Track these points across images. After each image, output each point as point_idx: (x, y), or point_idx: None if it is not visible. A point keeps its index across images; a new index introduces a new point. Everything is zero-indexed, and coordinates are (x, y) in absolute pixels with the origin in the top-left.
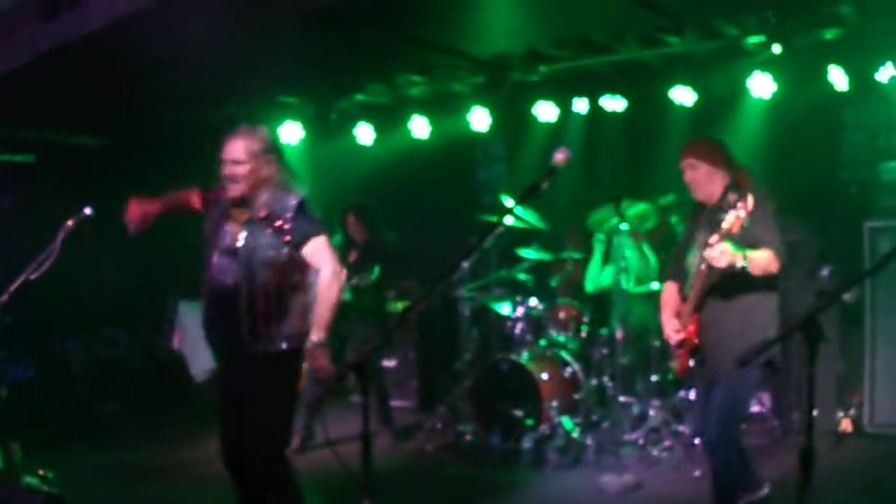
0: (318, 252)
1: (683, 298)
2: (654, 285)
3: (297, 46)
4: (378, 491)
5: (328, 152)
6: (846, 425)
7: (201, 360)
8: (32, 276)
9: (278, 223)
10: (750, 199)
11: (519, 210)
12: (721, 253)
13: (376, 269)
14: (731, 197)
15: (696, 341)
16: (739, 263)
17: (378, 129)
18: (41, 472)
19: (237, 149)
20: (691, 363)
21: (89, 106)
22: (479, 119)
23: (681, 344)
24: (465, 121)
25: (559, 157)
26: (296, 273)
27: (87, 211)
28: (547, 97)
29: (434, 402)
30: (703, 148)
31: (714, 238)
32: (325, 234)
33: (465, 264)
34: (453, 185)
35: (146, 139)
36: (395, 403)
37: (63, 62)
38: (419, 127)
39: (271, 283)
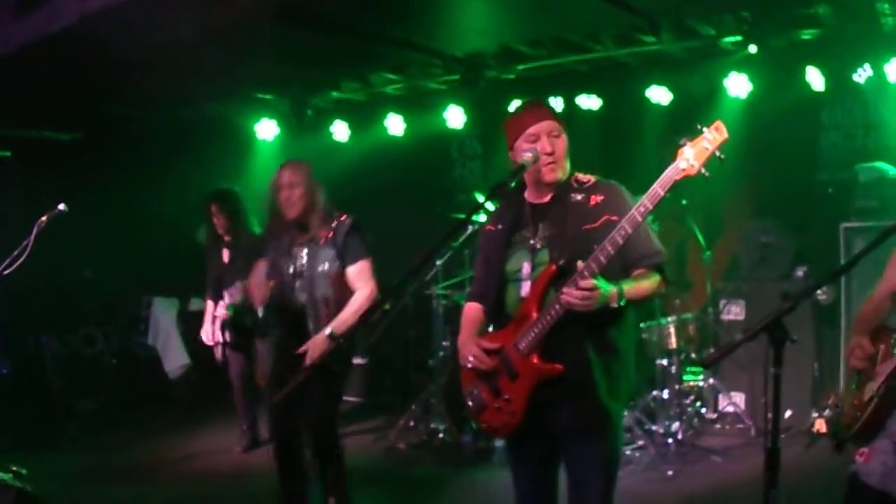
0: (363, 274)
1: (507, 317)
2: None
3: (272, 44)
4: (348, 489)
5: (304, 149)
6: (820, 426)
7: (175, 358)
8: (6, 272)
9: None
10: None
11: (490, 208)
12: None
13: None
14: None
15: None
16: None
17: (353, 127)
18: (14, 469)
19: (289, 174)
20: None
21: (64, 102)
22: (455, 117)
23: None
24: (440, 119)
25: (526, 155)
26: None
27: (62, 207)
28: (522, 95)
29: (407, 400)
30: (554, 111)
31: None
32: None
33: (438, 262)
34: (428, 182)
35: (122, 135)
36: (366, 402)
37: (36, 59)
38: (394, 124)
39: (331, 295)
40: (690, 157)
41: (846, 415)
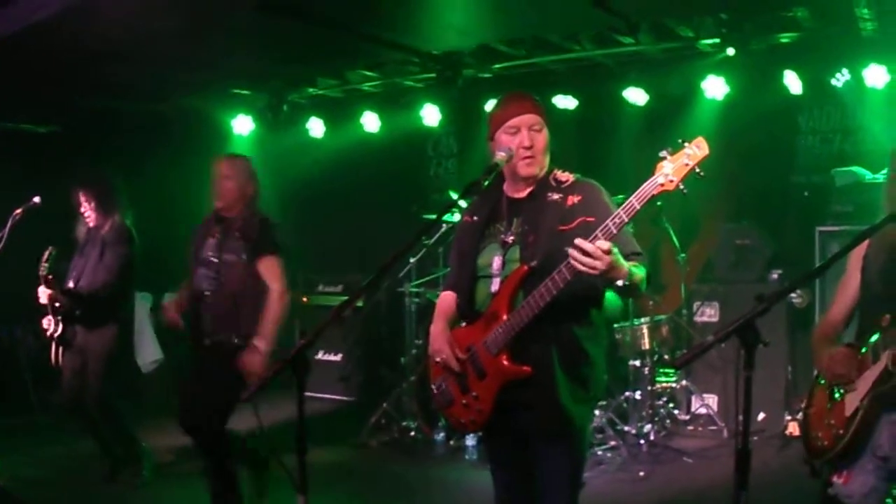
0: (272, 270)
1: (476, 313)
2: None
3: (250, 38)
4: (319, 487)
5: (279, 145)
6: (793, 429)
7: (148, 352)
8: None
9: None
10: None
11: (464, 206)
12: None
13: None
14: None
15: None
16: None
17: (329, 123)
18: None
19: (226, 166)
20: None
21: (42, 94)
22: (431, 115)
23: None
24: (416, 116)
25: (500, 154)
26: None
27: (37, 199)
28: (499, 94)
29: (378, 397)
30: (540, 105)
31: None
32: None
33: (412, 260)
34: (404, 180)
35: (98, 129)
36: (339, 398)
37: (14, 50)
38: (370, 122)
39: (236, 288)
40: (669, 172)
41: (822, 437)
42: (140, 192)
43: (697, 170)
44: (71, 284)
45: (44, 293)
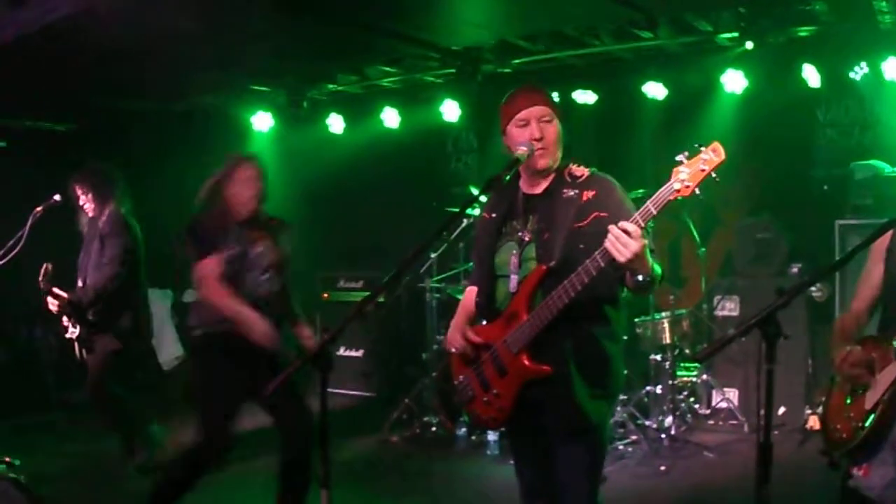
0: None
1: (496, 311)
2: None
3: (269, 35)
4: (341, 482)
5: (299, 141)
6: (814, 422)
7: (169, 349)
8: (1, 263)
9: None
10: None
11: (484, 201)
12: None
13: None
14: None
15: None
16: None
17: (349, 119)
18: (7, 460)
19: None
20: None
21: (60, 93)
22: (451, 111)
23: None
24: (436, 112)
25: (521, 149)
26: None
27: (57, 197)
28: None
29: (400, 392)
30: (549, 97)
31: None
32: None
33: (432, 255)
34: (424, 176)
35: (117, 126)
36: (361, 393)
37: (32, 49)
38: (390, 117)
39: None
40: (686, 178)
41: (841, 429)
42: (160, 190)
43: (713, 175)
44: (80, 283)
45: (52, 304)
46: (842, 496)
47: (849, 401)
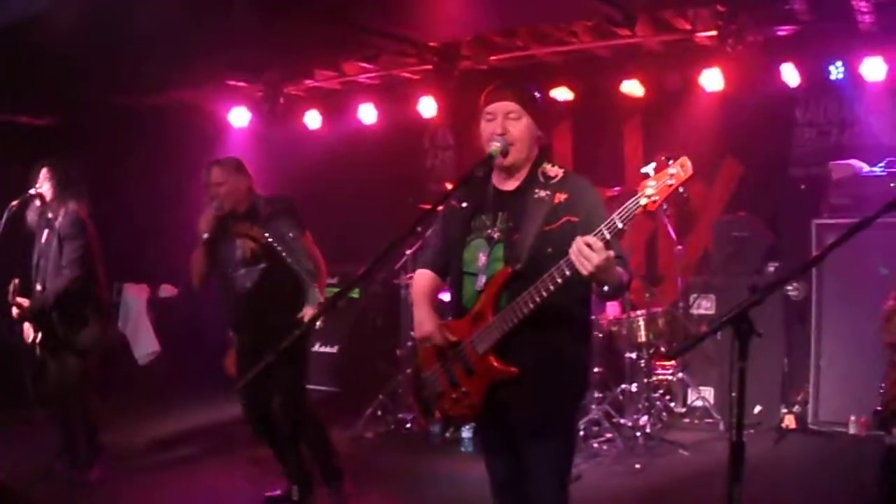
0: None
1: (463, 308)
2: None
3: (245, 30)
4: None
5: (276, 137)
6: (790, 422)
7: (144, 344)
8: None
9: None
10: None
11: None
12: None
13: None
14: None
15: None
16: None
17: (326, 115)
18: None
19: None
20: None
21: (39, 87)
22: (427, 107)
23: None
24: (413, 108)
25: (494, 144)
26: None
27: (33, 192)
28: None
29: (374, 389)
30: (525, 91)
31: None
32: None
33: (407, 252)
34: (400, 172)
35: (96, 121)
36: (334, 389)
37: (11, 42)
38: (367, 113)
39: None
40: (652, 192)
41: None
42: (137, 184)
43: (681, 189)
44: (39, 287)
45: (15, 311)
46: (888, 456)
47: None
